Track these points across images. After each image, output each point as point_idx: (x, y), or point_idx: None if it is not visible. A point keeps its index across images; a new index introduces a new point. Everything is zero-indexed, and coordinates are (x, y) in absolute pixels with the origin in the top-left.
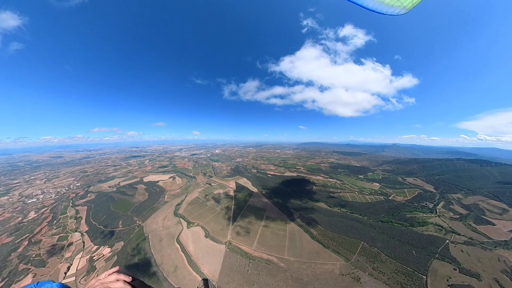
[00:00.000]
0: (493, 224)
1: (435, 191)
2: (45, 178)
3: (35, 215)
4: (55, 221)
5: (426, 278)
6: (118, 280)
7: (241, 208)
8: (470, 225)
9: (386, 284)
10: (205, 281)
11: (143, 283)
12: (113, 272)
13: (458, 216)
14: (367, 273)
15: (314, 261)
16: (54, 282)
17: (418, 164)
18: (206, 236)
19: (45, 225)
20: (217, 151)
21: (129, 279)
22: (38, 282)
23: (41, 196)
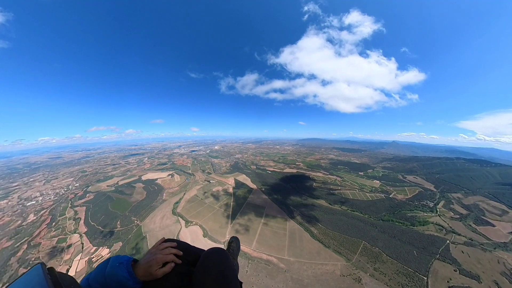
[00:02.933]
0: (493, 225)
1: (435, 190)
2: (44, 179)
3: (34, 217)
4: (54, 223)
5: (427, 279)
6: (166, 248)
7: (240, 205)
8: (470, 225)
9: (387, 286)
10: (234, 238)
11: (188, 246)
12: (162, 242)
13: (458, 216)
14: (368, 274)
15: (314, 262)
16: (122, 256)
17: (418, 162)
18: (205, 235)
19: (44, 228)
20: (216, 147)
21: (174, 245)
22: (111, 257)
23: (40, 198)
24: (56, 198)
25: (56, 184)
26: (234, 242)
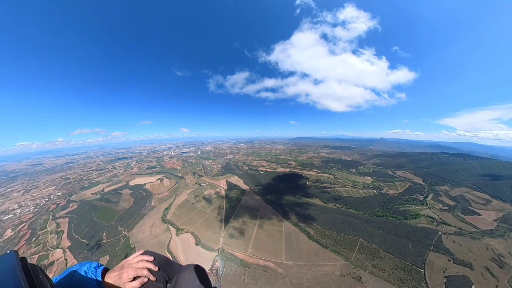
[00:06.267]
0: (479, 214)
1: (423, 183)
2: (23, 189)
3: (12, 233)
4: (34, 238)
5: (424, 271)
6: (142, 261)
7: (233, 209)
8: (459, 215)
9: (387, 282)
10: (219, 257)
11: (168, 260)
12: (139, 255)
13: (447, 208)
14: (367, 272)
15: (313, 264)
16: (92, 262)
17: (405, 157)
18: (197, 243)
19: (23, 244)
20: (207, 148)
21: (150, 258)
22: (79, 263)
23: (19, 211)
24: (36, 209)
25: (36, 194)
26: (218, 262)
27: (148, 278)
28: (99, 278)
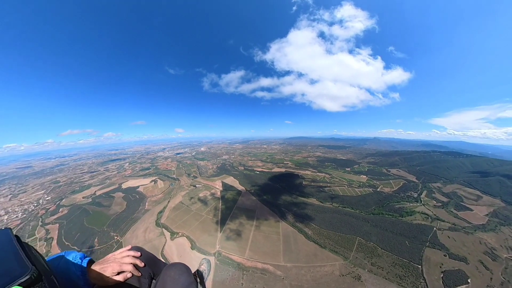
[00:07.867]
0: (471, 210)
1: (417, 181)
2: (10, 194)
3: None
4: None
5: (421, 267)
6: (128, 256)
7: (229, 211)
8: (452, 211)
9: (386, 279)
10: (205, 260)
11: (154, 258)
12: (126, 250)
13: (440, 204)
14: (366, 270)
15: (312, 264)
16: (78, 252)
17: (399, 156)
18: (192, 247)
19: None
20: (202, 149)
21: (137, 254)
22: (65, 251)
23: (6, 217)
24: (25, 215)
25: (24, 198)
26: (204, 265)
27: (133, 274)
28: (84, 269)
